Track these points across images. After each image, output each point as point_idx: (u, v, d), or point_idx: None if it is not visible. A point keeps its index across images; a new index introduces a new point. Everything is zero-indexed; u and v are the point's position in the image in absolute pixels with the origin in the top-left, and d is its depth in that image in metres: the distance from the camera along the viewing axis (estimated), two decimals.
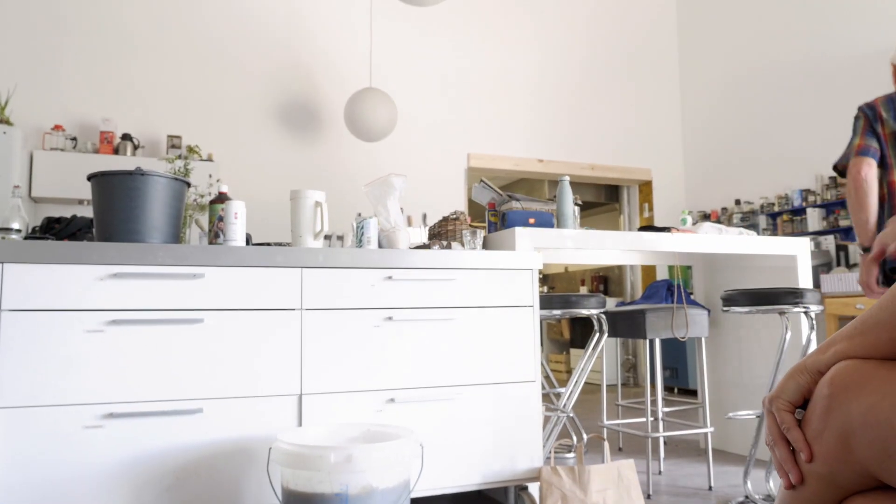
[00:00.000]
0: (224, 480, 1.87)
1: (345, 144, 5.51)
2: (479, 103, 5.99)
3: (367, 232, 2.21)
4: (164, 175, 1.99)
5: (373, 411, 2.06)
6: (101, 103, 4.90)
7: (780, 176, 5.63)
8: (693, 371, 5.70)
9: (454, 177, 5.84)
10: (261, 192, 5.22)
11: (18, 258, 1.74)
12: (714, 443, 3.57)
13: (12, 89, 4.68)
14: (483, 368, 2.21)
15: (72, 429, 1.75)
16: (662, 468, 3.10)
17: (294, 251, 2.00)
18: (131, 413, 1.80)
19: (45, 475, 1.72)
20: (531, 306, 2.30)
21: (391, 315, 2.10)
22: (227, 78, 5.23)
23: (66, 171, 4.52)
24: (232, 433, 1.89)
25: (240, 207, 2.07)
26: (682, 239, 2.77)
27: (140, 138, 4.93)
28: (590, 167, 6.30)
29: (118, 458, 1.78)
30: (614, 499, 2.10)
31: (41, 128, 4.71)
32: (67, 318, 1.77)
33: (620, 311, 3.01)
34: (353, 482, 1.55)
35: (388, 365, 2.08)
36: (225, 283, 1.92)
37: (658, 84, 6.71)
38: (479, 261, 2.22)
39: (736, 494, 2.66)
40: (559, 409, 2.75)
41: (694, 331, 2.91)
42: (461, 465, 2.15)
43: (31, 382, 1.73)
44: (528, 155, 6.11)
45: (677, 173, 6.72)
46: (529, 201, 2.77)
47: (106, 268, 1.81)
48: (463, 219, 2.64)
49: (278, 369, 1.96)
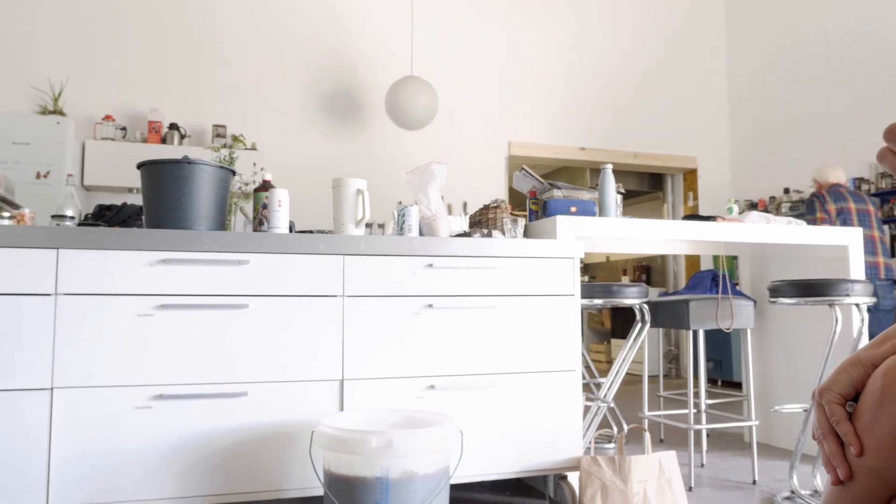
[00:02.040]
0: (268, 462, 1.91)
1: (386, 133, 5.54)
2: (520, 91, 5.94)
3: (408, 220, 2.23)
4: (210, 164, 2.03)
5: (413, 398, 2.07)
6: (150, 94, 5.02)
7: (832, 163, 5.46)
8: (737, 363, 5.59)
9: (495, 165, 5.82)
10: (303, 181, 5.28)
11: (73, 244, 1.80)
12: (759, 436, 3.50)
13: (65, 81, 4.82)
14: (523, 357, 2.21)
15: (123, 409, 1.81)
16: (705, 461, 3.06)
17: (336, 238, 2.02)
18: (180, 395, 1.85)
19: (97, 451, 1.78)
20: (572, 295, 2.29)
21: (432, 303, 2.11)
22: (270, 68, 5.30)
23: (116, 160, 4.65)
24: (276, 417, 1.93)
25: (283, 195, 2.10)
26: (728, 228, 2.71)
27: (186, 128, 5.03)
28: (632, 155, 6.21)
29: (167, 438, 1.84)
30: (655, 490, 2.08)
31: (92, 118, 4.85)
32: (119, 303, 1.83)
33: (663, 300, 2.97)
34: (394, 467, 1.56)
35: (428, 352, 2.10)
36: (269, 269, 1.96)
37: (703, 68, 6.56)
38: (520, 249, 2.21)
39: (781, 489, 2.61)
40: (599, 399, 2.74)
41: (739, 322, 2.85)
42: (500, 452, 2.15)
43: (85, 364, 1.79)
44: (569, 143, 6.05)
45: (723, 161, 6.57)
46: (571, 189, 2.74)
47: (155, 254, 1.86)
48: (504, 207, 2.63)
49: (320, 355, 1.99)
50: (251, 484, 1.90)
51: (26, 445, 1.73)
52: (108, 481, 1.78)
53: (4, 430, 1.72)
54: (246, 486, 1.89)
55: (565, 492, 2.25)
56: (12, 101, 4.71)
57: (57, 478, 1.75)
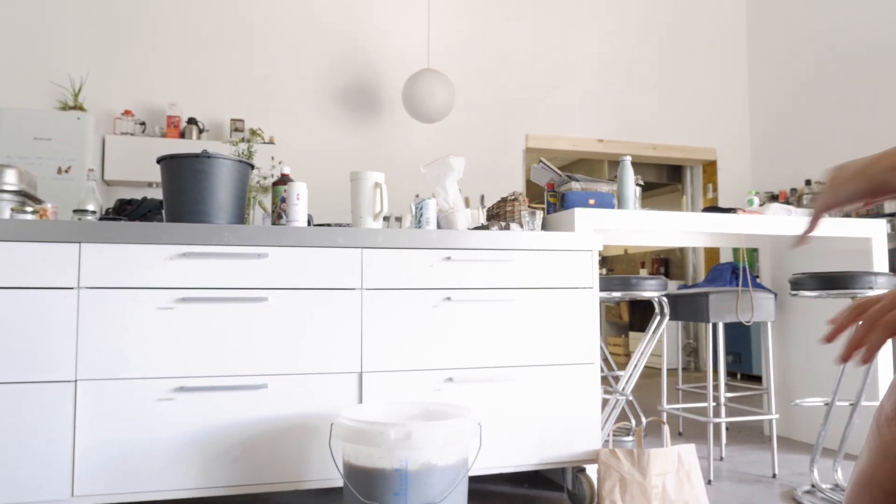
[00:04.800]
0: (288, 454, 1.93)
1: (403, 126, 5.54)
2: (538, 83, 5.91)
3: (425, 213, 2.23)
4: (228, 157, 2.04)
5: (431, 390, 2.08)
6: (168, 89, 5.05)
7: (855, 154, 5.37)
8: (757, 357, 5.54)
9: (512, 157, 5.80)
10: (321, 174, 5.30)
11: (94, 238, 1.82)
12: (779, 430, 3.47)
13: (84, 77, 4.87)
14: (541, 350, 2.20)
15: (146, 401, 1.83)
16: (724, 454, 3.04)
17: (354, 232, 2.03)
18: (200, 387, 1.87)
19: (121, 443, 1.81)
20: (591, 288, 2.28)
21: (450, 295, 2.11)
22: (287, 62, 5.31)
23: (136, 155, 4.70)
24: (295, 409, 1.95)
25: (301, 189, 2.11)
26: (749, 220, 2.68)
27: (205, 122, 5.07)
28: (651, 147, 6.16)
29: (188, 429, 1.86)
30: (674, 483, 2.07)
31: (112, 113, 4.90)
32: (140, 296, 1.85)
33: (683, 293, 2.95)
34: (413, 458, 1.57)
35: (446, 345, 2.10)
36: (288, 262, 1.97)
37: (723, 58, 6.48)
38: (538, 242, 2.21)
39: (801, 483, 2.58)
40: (618, 392, 2.73)
41: (759, 315, 2.82)
42: (519, 444, 2.16)
43: (108, 356, 1.82)
44: (587, 135, 6.01)
45: (743, 152, 6.49)
46: (589, 182, 2.73)
47: (175, 247, 1.88)
48: (521, 199, 2.62)
49: (339, 348, 2.00)
50: (271, 475, 1.91)
51: (51, 437, 1.76)
52: (131, 472, 1.81)
53: (30, 421, 1.75)
54: (266, 478, 1.91)
55: (584, 484, 2.24)
56: (33, 97, 4.77)
57: (81, 469, 1.78)
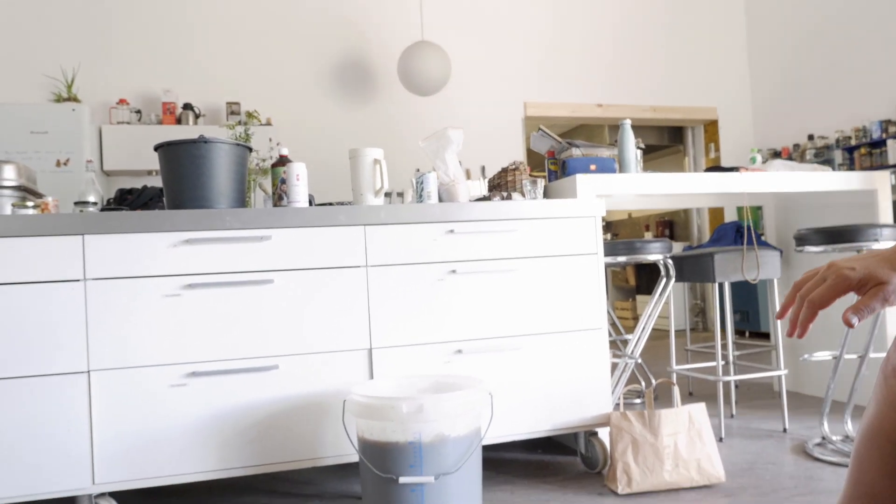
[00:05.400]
0: (303, 432, 1.95)
1: (400, 100, 5.50)
2: (534, 50, 5.85)
3: (426, 186, 2.22)
4: (226, 141, 2.03)
5: (441, 363, 2.09)
6: (161, 75, 5.02)
7: (858, 106, 5.32)
8: (764, 314, 5.55)
9: (511, 127, 5.76)
10: (320, 153, 5.28)
11: (97, 229, 1.82)
12: (788, 385, 3.49)
13: (77, 67, 4.84)
14: (549, 317, 2.21)
15: (159, 387, 1.85)
16: (735, 411, 3.06)
17: (356, 209, 2.03)
18: (212, 371, 1.88)
19: (137, 429, 1.83)
20: (595, 254, 2.28)
21: (454, 268, 2.11)
22: (280, 41, 5.26)
23: (134, 144, 4.68)
24: (307, 388, 1.97)
25: (301, 169, 2.10)
26: (752, 179, 2.67)
27: (200, 107, 5.04)
28: (651, 109, 6.11)
29: (204, 413, 1.88)
30: (685, 442, 2.09)
31: (107, 103, 4.87)
32: (146, 285, 1.86)
33: (688, 254, 2.95)
34: (426, 431, 1.59)
35: (453, 317, 2.11)
36: (291, 243, 1.97)
37: (721, 15, 6.39)
38: (541, 210, 2.20)
39: (812, 436, 2.61)
40: (627, 356, 2.74)
41: (765, 272, 2.82)
42: (530, 412, 2.17)
43: (119, 345, 1.83)
44: (586, 100, 5.96)
45: (745, 110, 6.43)
46: (590, 147, 2.71)
47: (178, 234, 1.88)
48: (522, 168, 2.61)
49: (347, 325, 2.01)
50: (288, 454, 1.94)
51: (69, 427, 1.78)
52: (149, 458, 1.84)
53: (47, 413, 1.77)
54: (283, 456, 1.94)
55: (596, 448, 2.27)
56: (27, 90, 4.75)
57: (100, 456, 1.80)
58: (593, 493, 2.08)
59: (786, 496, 1.98)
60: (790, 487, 2.05)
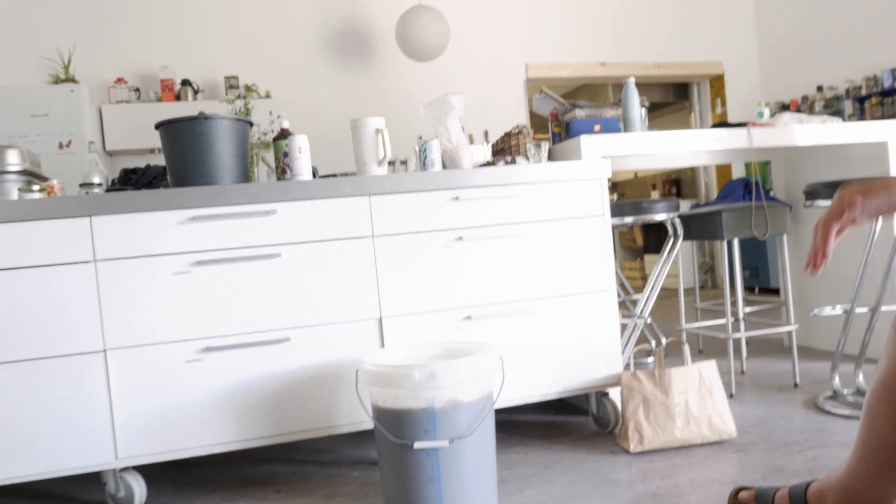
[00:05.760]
0: (318, 402, 1.98)
1: (399, 67, 5.44)
2: (535, 9, 5.75)
3: (429, 154, 2.21)
4: (226, 117, 2.02)
5: (451, 329, 2.11)
6: (158, 52, 4.98)
7: (868, 54, 5.22)
8: (774, 270, 5.54)
9: (513, 90, 5.69)
10: (321, 123, 5.25)
11: (104, 210, 1.83)
12: (799, 340, 3.50)
13: (72, 48, 4.80)
14: (557, 281, 2.21)
15: (174, 364, 1.88)
16: (745, 368, 3.08)
17: (360, 180, 2.02)
18: (226, 346, 1.91)
19: (156, 405, 1.86)
20: (602, 215, 2.27)
21: (461, 235, 2.11)
22: (275, 11, 5.19)
23: (134, 123, 4.67)
24: (320, 358, 1.99)
25: (303, 142, 2.09)
26: (760, 134, 2.64)
27: (199, 82, 5.00)
28: (655, 66, 6.02)
29: (220, 387, 1.91)
30: (696, 400, 2.11)
31: (105, 82, 4.84)
32: (155, 263, 1.87)
33: (695, 213, 2.93)
34: (438, 397, 1.60)
35: (462, 284, 2.12)
36: (297, 216, 1.97)
37: None
38: (546, 174, 2.19)
39: (823, 390, 2.62)
40: (636, 316, 2.75)
41: (774, 229, 2.81)
42: (541, 375, 2.19)
43: (133, 324, 1.85)
44: (589, 59, 5.87)
45: (751, 63, 6.33)
46: (593, 108, 2.68)
47: (184, 212, 1.89)
48: (526, 132, 2.59)
49: (357, 295, 2.02)
50: (303, 423, 1.97)
51: (89, 405, 1.82)
52: (169, 432, 1.87)
53: (68, 392, 1.80)
54: (299, 426, 1.96)
55: (608, 408, 2.29)
56: (24, 73, 4.72)
57: (122, 432, 1.84)
58: (606, 451, 2.11)
59: (797, 450, 2.00)
60: (801, 441, 2.07)
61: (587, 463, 2.02)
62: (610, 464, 1.99)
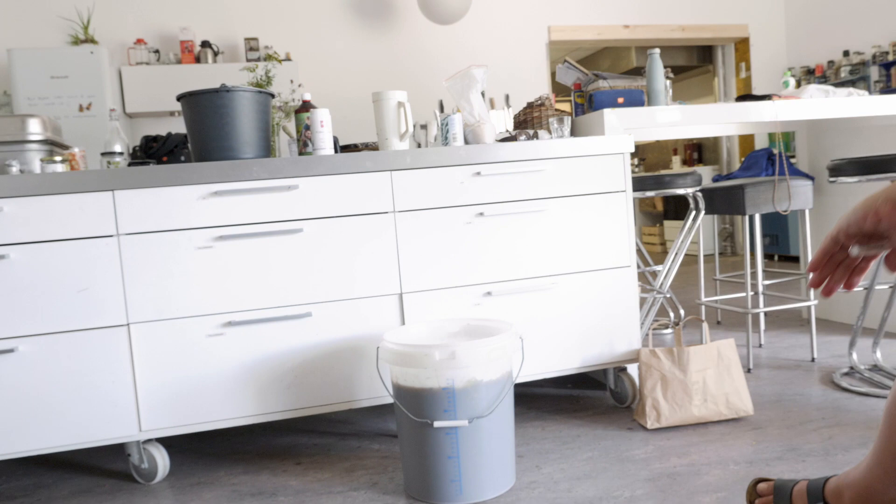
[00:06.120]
0: (339, 377, 2.01)
1: (420, 30, 5.35)
2: None
3: (452, 128, 2.19)
4: (248, 89, 2.01)
5: (471, 305, 2.12)
6: (177, 12, 4.93)
7: None
8: (794, 237, 5.48)
9: (535, 52, 5.59)
10: (340, 87, 5.20)
11: (126, 185, 1.84)
12: (817, 313, 3.48)
13: (91, 7, 4.76)
14: (577, 257, 2.21)
15: (197, 338, 1.91)
16: (763, 341, 3.07)
17: (382, 155, 2.01)
18: (248, 321, 1.93)
19: (179, 378, 1.90)
20: (624, 191, 2.25)
21: (482, 211, 2.11)
22: None
23: (154, 85, 4.65)
24: (340, 334, 2.01)
25: (325, 115, 2.08)
26: (785, 106, 2.58)
27: (218, 44, 4.96)
28: (680, 28, 5.87)
29: (241, 361, 1.94)
30: (714, 377, 2.11)
31: (124, 43, 4.81)
32: (178, 238, 1.88)
33: (717, 187, 2.89)
34: (459, 377, 1.62)
35: (482, 260, 2.12)
36: (319, 192, 1.97)
37: None
38: (568, 149, 2.17)
39: (840, 365, 2.62)
40: (656, 290, 2.74)
41: (797, 203, 2.77)
42: (560, 351, 2.21)
43: (156, 299, 1.88)
44: (612, 21, 5.74)
45: (777, 26, 6.16)
46: (617, 79, 2.63)
47: (206, 186, 1.89)
48: (548, 104, 2.55)
49: (377, 271, 2.03)
50: (324, 397, 2.00)
51: (113, 378, 1.86)
52: (192, 404, 1.91)
53: (93, 365, 1.84)
54: (320, 400, 2.00)
55: (625, 383, 2.30)
56: (44, 34, 4.70)
57: (145, 405, 1.88)
58: (623, 427, 2.13)
59: (812, 428, 2.01)
60: (817, 419, 2.08)
61: (604, 439, 2.04)
62: (627, 440, 2.02)
